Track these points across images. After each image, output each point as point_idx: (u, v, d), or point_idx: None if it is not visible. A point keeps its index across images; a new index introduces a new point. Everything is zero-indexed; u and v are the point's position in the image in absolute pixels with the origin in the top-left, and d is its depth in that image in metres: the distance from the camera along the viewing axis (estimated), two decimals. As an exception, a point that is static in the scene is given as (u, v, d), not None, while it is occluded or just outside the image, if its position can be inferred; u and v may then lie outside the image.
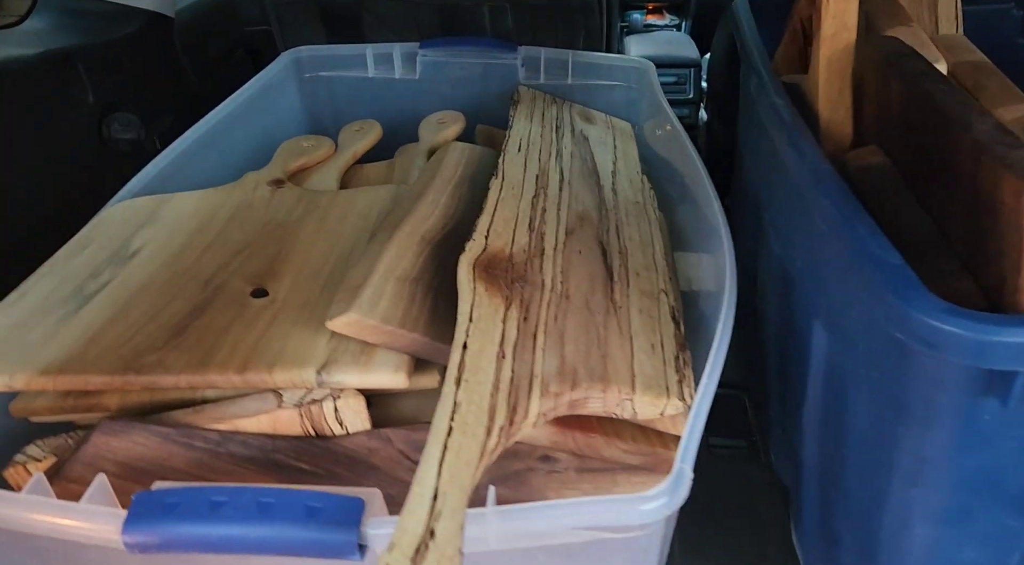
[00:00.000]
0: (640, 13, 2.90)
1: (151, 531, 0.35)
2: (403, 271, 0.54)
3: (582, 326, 0.52)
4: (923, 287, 0.37)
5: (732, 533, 0.77)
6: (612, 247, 0.65)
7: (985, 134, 0.39)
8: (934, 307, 0.35)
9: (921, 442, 0.41)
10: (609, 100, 1.00)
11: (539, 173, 0.74)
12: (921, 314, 0.36)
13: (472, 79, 1.00)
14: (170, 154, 0.75)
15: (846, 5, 0.56)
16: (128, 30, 0.90)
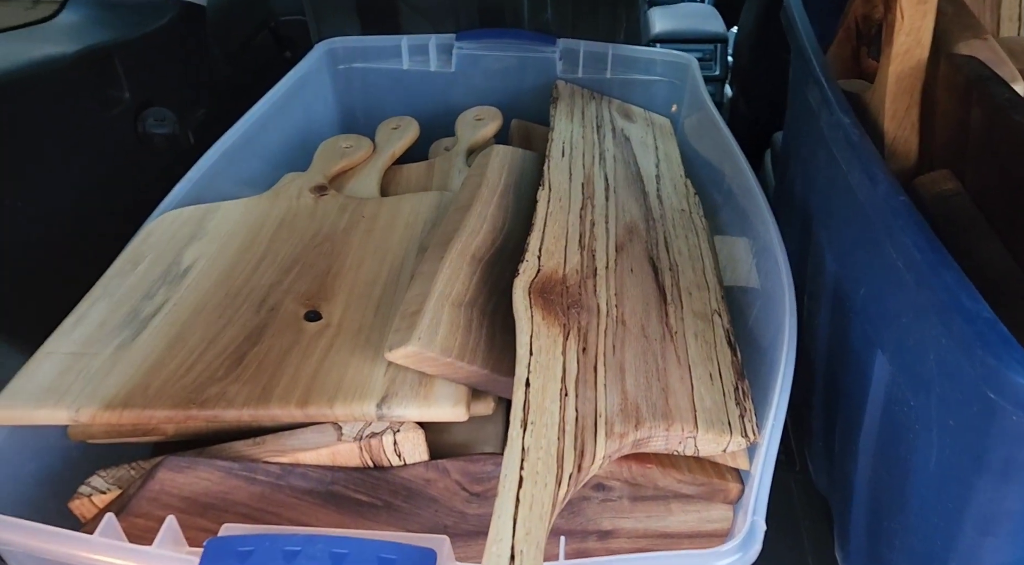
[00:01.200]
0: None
1: (225, 580, 0.35)
2: (458, 295, 0.53)
3: (640, 355, 0.51)
4: (1017, 346, 0.36)
5: (769, 544, 0.77)
6: (663, 263, 0.63)
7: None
8: (1031, 369, 0.34)
9: (1000, 494, 0.40)
10: (649, 95, 0.97)
11: (584, 181, 0.72)
12: (1016, 375, 0.34)
13: (509, 72, 0.98)
14: (212, 157, 0.74)
15: (922, 22, 0.53)
16: (162, 22, 0.88)
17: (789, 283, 0.57)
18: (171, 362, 0.47)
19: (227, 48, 1.05)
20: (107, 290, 0.54)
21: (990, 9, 0.78)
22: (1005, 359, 0.35)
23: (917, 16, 0.53)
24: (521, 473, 0.39)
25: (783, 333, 0.50)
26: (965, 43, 0.58)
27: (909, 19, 0.53)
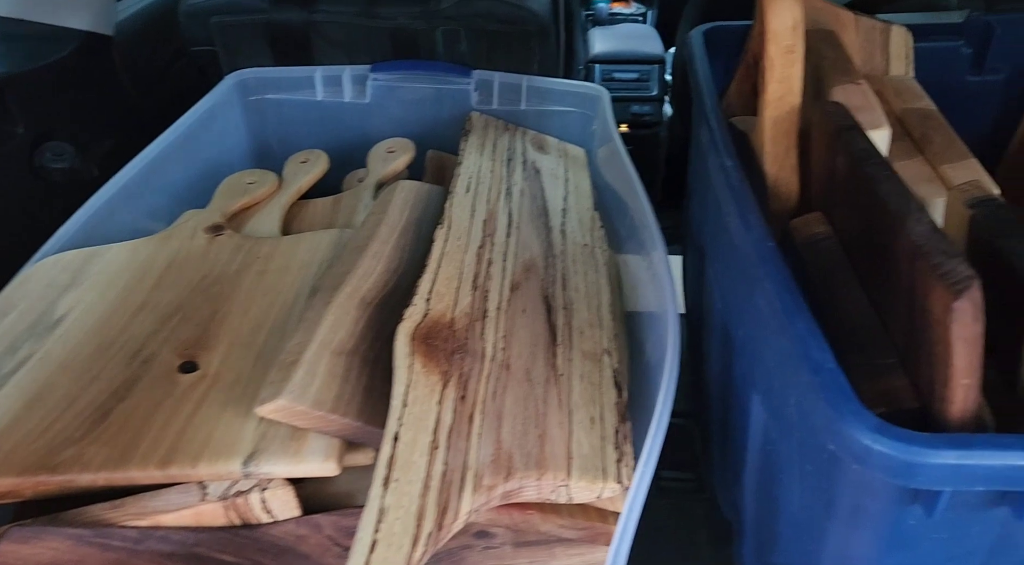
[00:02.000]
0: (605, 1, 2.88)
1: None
2: (340, 343, 0.53)
3: (521, 401, 0.51)
4: (855, 400, 0.36)
5: (675, 569, 0.78)
6: (557, 302, 0.64)
7: (921, 237, 0.39)
8: (864, 424, 0.35)
9: (847, 539, 0.41)
10: (564, 125, 0.98)
11: (487, 217, 0.72)
12: (851, 430, 0.35)
13: (424, 103, 0.98)
14: (105, 194, 0.72)
15: (791, 70, 0.55)
16: (62, 54, 0.86)
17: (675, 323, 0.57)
18: (28, 423, 0.46)
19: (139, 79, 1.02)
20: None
21: (880, 49, 0.81)
22: (842, 411, 0.36)
23: (786, 64, 0.54)
24: (375, 536, 0.38)
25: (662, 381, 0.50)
26: (840, 88, 0.59)
27: (779, 67, 0.54)
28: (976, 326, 0.35)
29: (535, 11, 0.94)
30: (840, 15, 0.79)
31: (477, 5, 0.94)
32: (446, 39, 0.96)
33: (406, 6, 0.95)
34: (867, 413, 0.36)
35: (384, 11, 0.96)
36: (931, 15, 0.84)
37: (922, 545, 0.39)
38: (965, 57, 0.84)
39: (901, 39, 0.80)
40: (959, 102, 0.87)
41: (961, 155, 0.63)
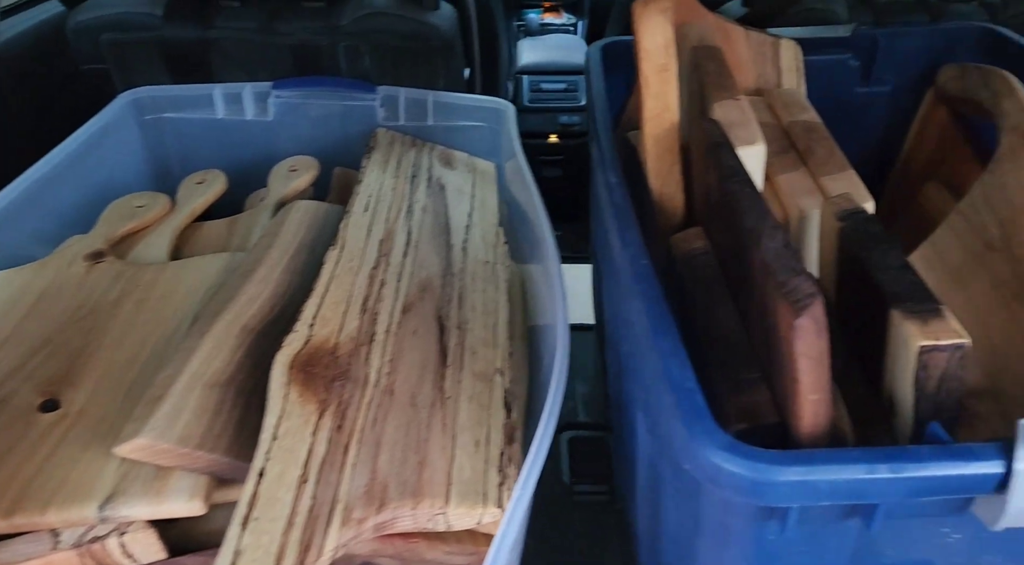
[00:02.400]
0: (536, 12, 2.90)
1: None
2: (215, 374, 0.51)
3: (403, 427, 0.50)
4: (708, 419, 0.37)
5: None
6: (451, 322, 0.63)
7: (771, 254, 0.40)
8: (714, 444, 0.35)
9: (717, 556, 0.41)
10: (472, 140, 0.98)
11: (384, 236, 0.71)
12: (702, 450, 0.35)
13: (330, 120, 0.96)
14: (-22, 223, 0.69)
15: (666, 87, 0.55)
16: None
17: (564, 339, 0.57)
18: None
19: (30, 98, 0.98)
20: None
21: (771, 63, 0.83)
22: (694, 431, 0.36)
23: (661, 82, 0.55)
24: None
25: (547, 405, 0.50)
26: (719, 104, 0.60)
27: (654, 85, 0.55)
28: (819, 342, 0.36)
29: (438, 26, 0.94)
30: (731, 30, 0.80)
31: (378, 21, 0.93)
32: (348, 55, 0.95)
33: (306, 22, 0.94)
34: (718, 433, 0.36)
35: (283, 27, 0.94)
36: (820, 29, 0.86)
37: (785, 559, 0.40)
38: (853, 69, 0.86)
39: (791, 53, 0.82)
40: (850, 112, 0.90)
41: (840, 167, 0.65)
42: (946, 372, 0.41)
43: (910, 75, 0.87)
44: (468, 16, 1.12)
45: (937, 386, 0.42)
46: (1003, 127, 0.71)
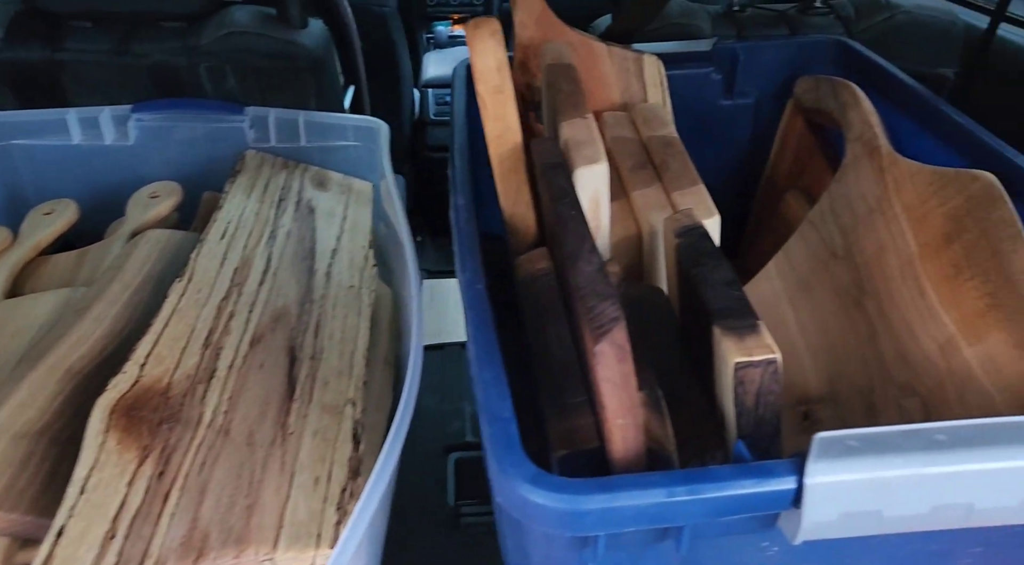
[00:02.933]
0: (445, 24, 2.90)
1: None
2: (27, 423, 0.48)
3: (235, 470, 0.48)
4: (519, 451, 0.36)
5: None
6: (304, 353, 0.61)
7: (584, 278, 0.40)
8: (521, 476, 0.35)
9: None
10: (350, 159, 0.96)
11: (240, 265, 0.69)
12: (510, 483, 0.35)
13: (198, 143, 0.93)
14: None
15: (505, 109, 0.55)
16: None
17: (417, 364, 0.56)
18: None
19: None
20: None
21: (636, 78, 0.84)
22: (504, 464, 0.36)
23: (498, 104, 0.55)
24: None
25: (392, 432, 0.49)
26: (567, 123, 0.60)
27: (491, 106, 0.55)
28: (621, 367, 0.36)
29: (305, 45, 0.91)
30: (594, 47, 0.81)
31: (239, 40, 0.90)
32: (212, 76, 0.92)
33: (163, 42, 0.90)
34: (525, 465, 0.35)
35: (139, 48, 0.91)
36: (682, 44, 0.88)
37: (608, 584, 0.39)
38: (716, 82, 0.88)
39: (654, 67, 0.84)
40: (716, 124, 0.93)
41: (691, 181, 0.66)
42: (762, 387, 0.42)
43: (772, 87, 0.90)
44: (347, 33, 1.10)
45: (755, 401, 0.43)
46: (848, 138, 0.74)
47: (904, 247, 0.60)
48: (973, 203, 0.57)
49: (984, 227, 0.55)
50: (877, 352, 0.58)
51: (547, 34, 0.79)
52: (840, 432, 0.36)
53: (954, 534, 0.40)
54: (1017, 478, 0.35)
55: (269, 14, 0.94)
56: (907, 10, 0.97)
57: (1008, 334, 0.49)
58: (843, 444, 0.35)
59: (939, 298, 0.55)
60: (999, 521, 0.36)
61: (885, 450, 0.35)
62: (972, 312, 0.52)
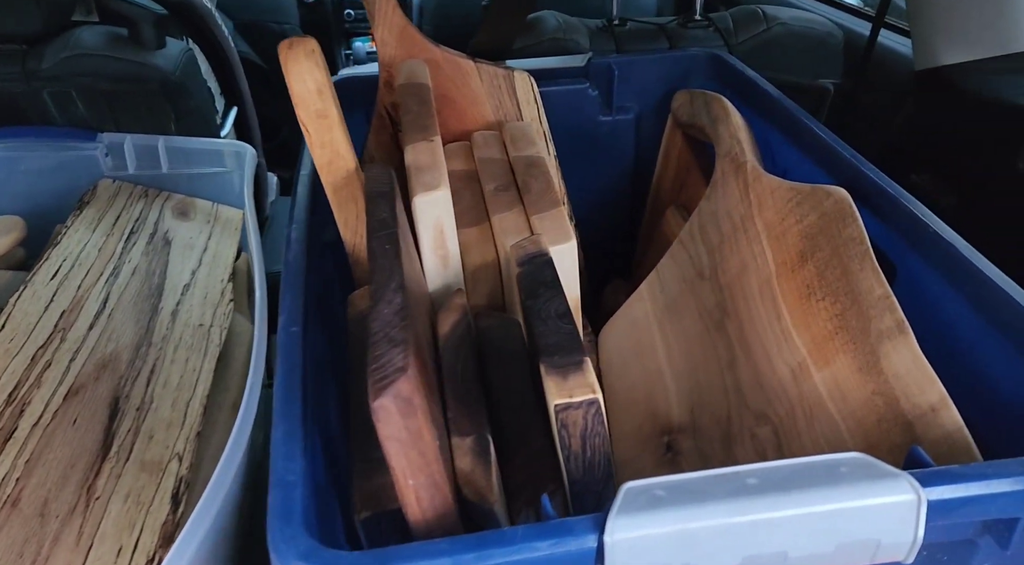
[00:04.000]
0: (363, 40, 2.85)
1: None
2: None
3: (18, 545, 0.43)
4: (298, 523, 0.32)
5: None
6: (130, 404, 0.56)
7: (377, 323, 0.36)
8: (295, 552, 0.31)
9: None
10: (221, 185, 0.91)
11: (69, 307, 0.63)
12: (281, 559, 0.31)
13: (48, 173, 0.87)
14: None
15: (331, 135, 0.52)
16: None
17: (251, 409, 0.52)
18: None
19: None
20: None
21: (508, 95, 0.82)
22: (277, 535, 0.32)
23: (322, 130, 0.51)
24: None
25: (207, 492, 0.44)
26: (411, 146, 0.58)
27: (315, 133, 0.51)
28: (407, 423, 0.33)
29: (158, 66, 0.86)
30: (461, 65, 0.79)
31: (84, 63, 0.84)
32: (56, 102, 0.86)
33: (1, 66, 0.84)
34: (300, 536, 0.32)
35: (-29, 73, 0.84)
36: (557, 59, 0.86)
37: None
38: (594, 98, 0.87)
39: (525, 84, 0.81)
40: (598, 140, 0.91)
41: (551, 203, 0.64)
42: (586, 429, 0.40)
43: (652, 101, 0.89)
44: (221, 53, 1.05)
45: (581, 444, 0.40)
46: (718, 154, 0.72)
47: (764, 266, 0.59)
48: (826, 220, 0.56)
49: (835, 245, 0.54)
50: (735, 379, 0.56)
51: (410, 52, 0.76)
52: (647, 481, 0.33)
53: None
54: (832, 522, 0.33)
55: (120, 34, 0.88)
56: (783, 22, 0.98)
57: (852, 358, 0.48)
58: (649, 494, 0.33)
59: (792, 320, 0.54)
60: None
61: (692, 499, 0.32)
62: (821, 334, 0.51)
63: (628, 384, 0.66)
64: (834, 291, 0.52)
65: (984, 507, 0.34)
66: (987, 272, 0.48)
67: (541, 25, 0.98)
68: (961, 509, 0.34)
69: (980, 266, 0.48)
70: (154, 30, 0.86)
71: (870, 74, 1.03)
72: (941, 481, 0.33)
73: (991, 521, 0.36)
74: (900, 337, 0.46)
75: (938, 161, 0.96)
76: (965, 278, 0.50)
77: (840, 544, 0.33)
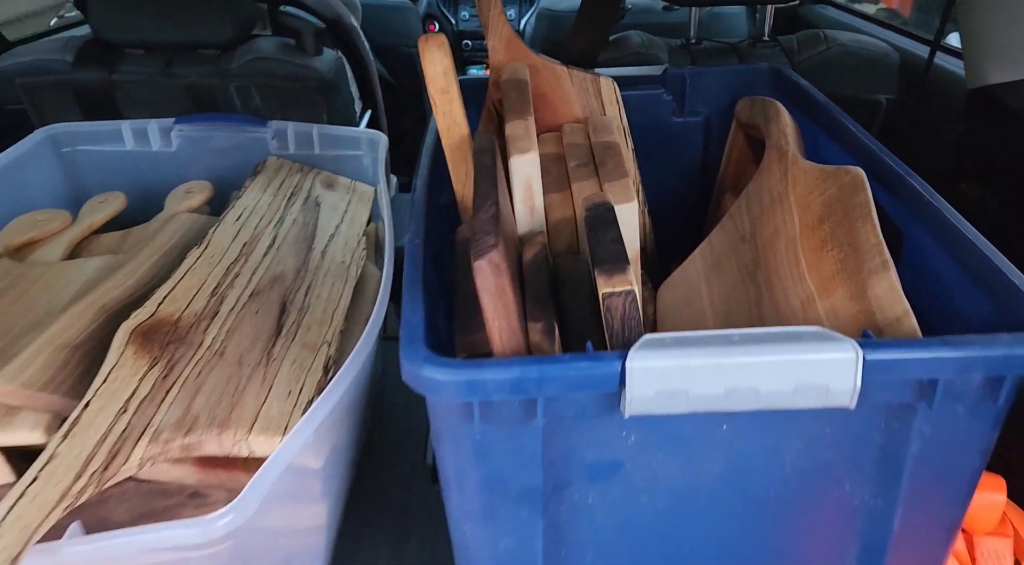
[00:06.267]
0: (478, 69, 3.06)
1: None
2: (67, 339, 0.60)
3: (224, 380, 0.60)
4: (420, 343, 0.47)
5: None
6: (294, 305, 0.73)
7: (477, 224, 0.51)
8: (417, 357, 0.45)
9: (451, 458, 0.51)
10: (358, 167, 1.09)
11: (249, 240, 0.81)
12: (408, 363, 0.46)
13: (228, 151, 1.07)
14: None
15: (451, 106, 0.67)
16: None
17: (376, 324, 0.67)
18: None
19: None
20: None
21: (595, 96, 0.96)
22: (407, 350, 0.46)
23: (445, 102, 0.67)
24: (39, 473, 0.46)
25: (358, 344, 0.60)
26: (510, 123, 0.72)
27: (440, 104, 0.67)
28: (496, 280, 0.47)
29: (318, 69, 1.06)
30: (556, 69, 0.93)
31: (261, 65, 1.05)
32: (240, 94, 1.06)
33: (199, 66, 1.05)
34: (422, 350, 0.46)
35: (179, 71, 1.06)
36: (638, 69, 1.00)
37: (496, 455, 0.49)
38: (668, 102, 1.00)
39: (609, 88, 0.95)
40: (671, 138, 1.03)
41: (620, 175, 0.77)
42: (625, 313, 0.53)
43: (719, 106, 1.01)
44: (362, 64, 1.24)
45: (621, 325, 0.53)
46: (768, 146, 0.84)
47: (792, 229, 0.70)
48: (843, 191, 0.67)
49: (847, 209, 0.65)
50: (760, 313, 0.67)
51: (515, 57, 0.91)
52: (661, 334, 0.46)
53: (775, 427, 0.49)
54: (790, 370, 0.45)
55: (289, 43, 1.08)
56: (841, 43, 1.07)
57: (846, 289, 0.59)
58: (660, 341, 0.46)
59: (807, 267, 0.65)
60: (781, 405, 0.45)
61: (692, 345, 0.45)
62: (827, 275, 0.62)
63: (678, 325, 0.78)
64: (840, 243, 0.63)
65: (908, 367, 0.45)
66: (967, 233, 0.57)
67: (626, 42, 1.12)
68: (891, 368, 0.45)
69: (963, 229, 0.58)
70: (314, 41, 1.06)
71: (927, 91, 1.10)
72: (876, 347, 0.45)
73: (923, 384, 0.46)
74: (884, 272, 0.56)
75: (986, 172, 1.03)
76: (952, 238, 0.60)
77: (797, 386, 0.45)
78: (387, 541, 0.81)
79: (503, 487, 0.51)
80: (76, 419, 0.50)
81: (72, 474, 0.46)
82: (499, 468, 0.50)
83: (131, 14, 1.01)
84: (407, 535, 0.83)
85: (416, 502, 0.92)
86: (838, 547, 0.57)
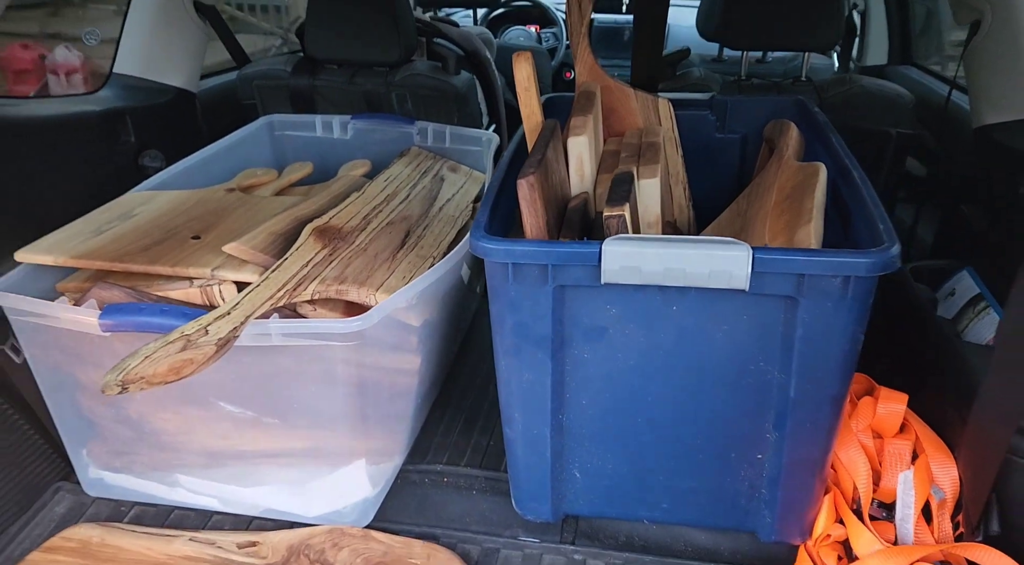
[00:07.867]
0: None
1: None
2: (275, 230, 0.90)
3: (365, 263, 0.88)
4: (482, 227, 0.72)
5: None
6: (415, 234, 1.00)
7: (526, 166, 0.75)
8: (480, 232, 0.70)
9: (496, 309, 0.75)
10: (477, 159, 1.37)
11: (391, 194, 1.10)
12: (474, 239, 0.71)
13: (386, 141, 1.38)
14: (164, 174, 1.13)
15: (531, 99, 0.92)
16: (161, 100, 1.30)
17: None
18: (111, 247, 0.84)
19: (211, 120, 1.46)
20: (87, 219, 0.91)
21: (654, 112, 1.18)
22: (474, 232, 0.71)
23: (527, 98, 0.92)
24: (261, 282, 0.74)
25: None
26: (575, 118, 0.97)
27: (524, 100, 0.92)
28: (531, 194, 0.71)
29: (455, 85, 1.35)
30: (625, 89, 1.17)
31: (417, 78, 1.35)
32: (398, 100, 1.37)
33: (374, 78, 1.37)
34: (482, 231, 0.71)
35: (359, 80, 1.39)
36: (691, 94, 1.21)
37: (523, 309, 0.73)
38: (712, 122, 1.20)
39: (665, 107, 1.17)
40: (713, 151, 1.23)
41: (653, 161, 0.99)
42: (617, 229, 0.75)
43: (755, 128, 1.20)
44: (490, 86, 1.53)
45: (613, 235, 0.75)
46: (775, 152, 1.03)
47: (767, 205, 0.89)
48: (806, 178, 0.86)
49: (803, 190, 0.84)
50: (735, 258, 0.87)
51: (594, 78, 1.16)
52: (630, 235, 0.68)
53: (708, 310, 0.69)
54: (706, 259, 0.65)
55: (437, 66, 1.39)
56: (862, 85, 1.23)
57: (784, 237, 0.78)
58: (627, 238, 0.68)
59: (769, 227, 0.84)
60: (701, 283, 0.66)
61: (646, 241, 0.67)
62: (777, 230, 0.81)
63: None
64: (791, 210, 0.82)
65: (782, 265, 0.64)
66: (876, 213, 0.75)
67: (687, 76, 1.33)
68: (771, 264, 0.64)
69: (876, 211, 0.75)
70: (455, 65, 1.35)
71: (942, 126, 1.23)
72: (761, 250, 0.64)
73: (799, 280, 0.65)
74: (807, 225, 0.76)
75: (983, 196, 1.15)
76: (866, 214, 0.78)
77: (712, 270, 0.65)
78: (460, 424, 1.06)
79: (526, 332, 0.74)
80: (279, 266, 0.79)
81: (275, 288, 0.75)
82: (524, 318, 0.74)
83: (332, 40, 1.35)
84: (474, 421, 1.07)
85: (488, 407, 1.16)
86: (758, 411, 0.75)
